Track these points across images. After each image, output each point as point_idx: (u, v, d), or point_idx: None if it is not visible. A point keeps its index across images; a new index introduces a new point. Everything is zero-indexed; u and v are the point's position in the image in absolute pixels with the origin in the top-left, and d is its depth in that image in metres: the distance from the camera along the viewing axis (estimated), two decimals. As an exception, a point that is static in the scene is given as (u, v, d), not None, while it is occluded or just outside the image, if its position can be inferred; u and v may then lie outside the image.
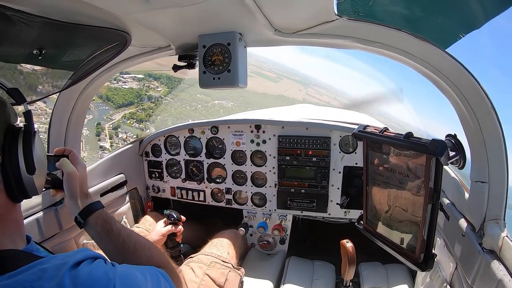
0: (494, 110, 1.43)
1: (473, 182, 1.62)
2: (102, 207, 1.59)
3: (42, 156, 1.21)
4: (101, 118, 38.01)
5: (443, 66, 1.47)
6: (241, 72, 1.62)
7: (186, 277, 2.33)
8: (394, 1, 1.42)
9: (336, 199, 3.00)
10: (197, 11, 1.32)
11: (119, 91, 43.35)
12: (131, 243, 1.52)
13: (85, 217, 1.53)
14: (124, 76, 45.09)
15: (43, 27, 1.30)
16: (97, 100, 39.90)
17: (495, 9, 1.21)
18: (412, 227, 1.58)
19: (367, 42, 1.53)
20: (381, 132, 1.69)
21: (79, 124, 2.34)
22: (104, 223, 1.53)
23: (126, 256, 1.50)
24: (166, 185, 3.50)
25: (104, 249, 1.54)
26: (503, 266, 1.39)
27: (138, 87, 46.42)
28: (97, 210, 1.56)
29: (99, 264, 0.99)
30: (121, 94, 42.91)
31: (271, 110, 4.79)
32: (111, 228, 1.52)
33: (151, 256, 1.54)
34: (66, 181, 1.56)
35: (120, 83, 44.85)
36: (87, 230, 1.56)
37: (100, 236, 1.53)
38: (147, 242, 1.61)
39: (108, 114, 39.30)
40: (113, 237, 1.51)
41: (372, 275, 2.76)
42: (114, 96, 41.91)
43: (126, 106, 41.78)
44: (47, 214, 2.12)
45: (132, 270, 1.11)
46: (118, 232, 1.53)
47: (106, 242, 1.52)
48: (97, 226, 1.53)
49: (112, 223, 1.55)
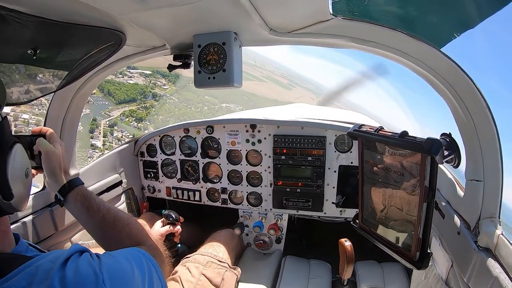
0: (489, 109, 1.43)
1: (468, 181, 1.63)
2: (81, 184, 1.60)
3: (22, 171, 1.13)
4: (98, 114, 36.60)
5: (438, 66, 1.48)
6: (236, 71, 1.62)
7: (182, 277, 2.32)
8: (389, 1, 1.42)
9: (331, 198, 3.01)
10: (192, 10, 1.32)
11: (122, 86, 41.83)
12: (110, 218, 1.54)
13: (65, 194, 1.54)
14: (130, 71, 43.64)
15: (37, 26, 1.29)
16: (97, 94, 38.56)
17: (490, 8, 1.22)
18: (408, 226, 1.58)
19: (362, 42, 1.53)
20: (376, 131, 1.70)
21: (74, 124, 2.33)
22: (83, 199, 1.54)
23: (106, 232, 1.53)
24: (161, 185, 3.49)
25: (85, 225, 1.57)
26: (498, 263, 1.39)
27: (144, 83, 44.95)
28: (77, 187, 1.57)
29: (85, 259, 0.99)
30: (124, 89, 41.42)
31: (266, 109, 4.79)
32: (91, 204, 1.54)
33: (131, 231, 1.56)
34: (44, 160, 1.57)
35: (125, 78, 43.51)
36: (67, 208, 1.58)
37: (81, 212, 1.54)
38: (127, 216, 1.62)
39: (107, 109, 37.85)
40: (93, 213, 1.53)
41: (368, 274, 2.77)
42: (116, 91, 40.48)
43: (127, 102, 40.41)
44: (42, 215, 2.10)
45: (117, 258, 1.10)
46: (98, 207, 1.54)
47: (86, 218, 1.54)
48: (77, 202, 1.54)
49: (92, 198, 1.56)
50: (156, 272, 1.25)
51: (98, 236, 1.58)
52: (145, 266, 1.19)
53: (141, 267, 1.16)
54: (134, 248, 1.29)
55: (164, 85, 46.11)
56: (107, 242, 1.56)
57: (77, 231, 2.40)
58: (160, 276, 1.28)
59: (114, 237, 1.54)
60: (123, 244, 1.48)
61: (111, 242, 1.55)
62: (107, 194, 2.84)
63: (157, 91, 45.17)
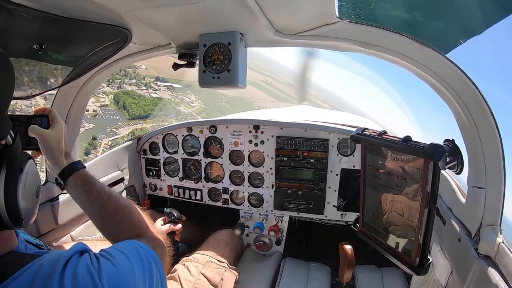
0: (493, 116, 1.43)
1: (470, 188, 1.62)
2: (83, 167, 1.55)
3: (33, 190, 1.11)
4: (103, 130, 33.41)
5: (442, 71, 1.48)
6: (241, 72, 1.63)
7: (181, 276, 2.32)
8: (395, 5, 1.42)
9: (333, 201, 3.01)
10: (199, 10, 1.32)
11: (141, 99, 39.00)
12: (111, 206, 1.50)
13: (65, 178, 1.50)
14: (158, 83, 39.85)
15: (43, 22, 1.29)
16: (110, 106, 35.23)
17: (497, 15, 1.21)
18: (408, 232, 1.58)
19: (367, 45, 1.53)
20: (379, 135, 1.70)
21: (77, 121, 2.33)
22: (84, 184, 1.50)
23: (105, 219, 1.50)
24: (163, 184, 3.49)
25: (85, 210, 1.53)
26: (498, 272, 1.39)
27: (170, 97, 42.19)
28: (77, 170, 1.52)
29: (84, 263, 0.96)
30: (142, 103, 38.57)
31: (270, 110, 4.79)
32: (91, 189, 1.50)
33: (132, 221, 1.53)
34: (41, 145, 1.53)
35: (150, 90, 40.48)
36: (68, 191, 1.54)
37: (81, 197, 1.51)
38: (128, 204, 1.58)
39: (115, 125, 34.86)
40: (93, 198, 1.49)
41: (368, 278, 2.76)
42: (132, 105, 37.56)
43: (142, 118, 37.45)
44: (43, 210, 2.11)
45: (116, 260, 1.06)
46: (98, 193, 1.50)
47: (86, 203, 1.51)
48: (77, 186, 1.50)
49: (92, 183, 1.52)
50: (156, 266, 1.22)
51: (98, 222, 1.54)
52: (145, 261, 1.16)
53: (141, 264, 1.14)
54: (132, 242, 1.25)
55: (192, 102, 44.08)
56: (107, 229, 1.54)
57: (78, 226, 2.40)
58: (160, 269, 1.24)
59: (114, 225, 1.51)
60: (123, 233, 1.46)
61: (110, 229, 1.53)
62: None
63: (182, 108, 42.55)
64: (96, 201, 1.49)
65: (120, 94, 38.33)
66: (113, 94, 38.92)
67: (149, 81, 39.41)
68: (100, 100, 36.45)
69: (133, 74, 41.95)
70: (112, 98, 38.05)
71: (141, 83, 41.07)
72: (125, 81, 40.82)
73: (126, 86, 40.89)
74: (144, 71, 42.46)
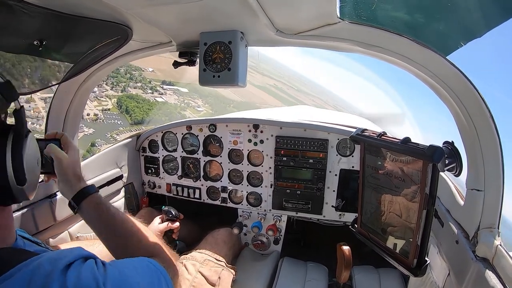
0: (492, 119, 1.43)
1: (468, 190, 1.62)
2: (96, 191, 1.56)
3: (35, 159, 1.14)
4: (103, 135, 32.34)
5: (443, 73, 1.48)
6: (241, 71, 1.62)
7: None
8: (397, 7, 1.42)
9: (331, 201, 3.01)
10: (200, 8, 1.32)
11: (145, 103, 38.01)
12: (124, 231, 1.50)
13: (79, 202, 1.51)
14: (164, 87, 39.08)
15: (44, 18, 1.29)
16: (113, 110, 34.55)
17: (498, 18, 1.21)
18: (406, 233, 1.58)
19: (368, 46, 1.53)
20: (379, 136, 1.70)
21: (77, 118, 2.33)
22: (97, 208, 1.51)
23: (118, 244, 1.49)
24: (162, 181, 3.49)
25: (98, 235, 1.52)
26: (495, 274, 1.39)
27: (176, 102, 41.12)
28: (91, 194, 1.53)
29: (88, 268, 0.94)
30: (145, 107, 37.63)
31: (270, 110, 4.78)
32: (104, 213, 1.50)
33: (146, 247, 1.52)
34: (56, 167, 1.54)
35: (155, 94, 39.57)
36: (81, 215, 1.54)
37: (93, 220, 1.51)
38: (142, 228, 1.58)
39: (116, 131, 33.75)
40: (107, 223, 1.49)
41: (365, 279, 2.76)
42: (135, 109, 36.65)
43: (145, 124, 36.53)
44: (41, 206, 2.10)
45: (124, 271, 1.05)
46: (113, 217, 1.51)
47: (99, 227, 1.51)
48: (91, 210, 1.50)
49: (105, 208, 1.52)
50: (166, 284, 1.20)
51: (110, 247, 1.53)
52: (155, 277, 1.15)
53: (150, 279, 1.12)
54: (145, 258, 1.23)
55: (198, 106, 42.96)
56: (119, 254, 1.50)
57: (76, 223, 2.40)
58: (170, 287, 1.22)
59: (127, 248, 1.49)
60: (137, 255, 1.44)
61: (124, 253, 1.48)
62: (107, 188, 2.84)
63: (188, 113, 41.36)
64: (110, 226, 1.49)
65: (124, 98, 37.55)
66: (116, 97, 38.10)
67: (155, 85, 38.63)
68: (103, 104, 35.72)
69: (139, 77, 41.11)
70: (115, 102, 37.49)
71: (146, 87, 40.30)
72: (130, 84, 39.94)
73: (131, 89, 40.01)
74: (151, 74, 41.60)
